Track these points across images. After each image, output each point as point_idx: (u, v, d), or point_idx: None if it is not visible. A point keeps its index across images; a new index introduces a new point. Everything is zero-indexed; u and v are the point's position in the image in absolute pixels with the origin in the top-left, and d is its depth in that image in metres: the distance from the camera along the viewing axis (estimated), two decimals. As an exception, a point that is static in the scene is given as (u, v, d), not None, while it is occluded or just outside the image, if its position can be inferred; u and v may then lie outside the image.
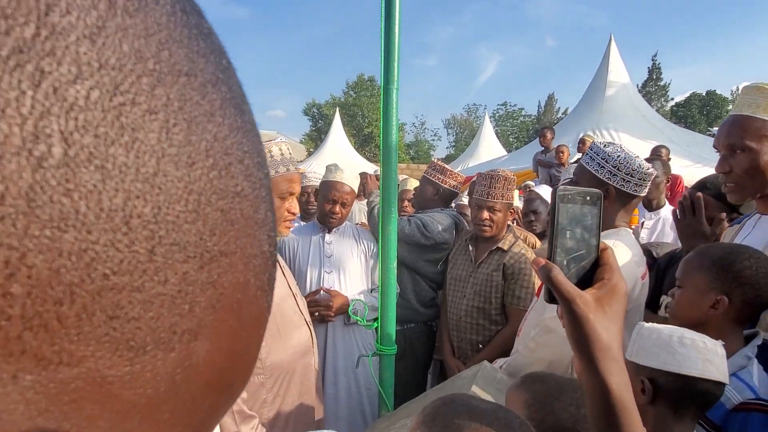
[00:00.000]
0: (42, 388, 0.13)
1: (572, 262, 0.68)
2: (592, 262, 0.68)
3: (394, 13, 1.81)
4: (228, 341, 0.18)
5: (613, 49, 11.30)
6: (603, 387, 0.65)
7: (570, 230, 0.67)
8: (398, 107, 1.90)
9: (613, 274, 0.66)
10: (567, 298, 0.65)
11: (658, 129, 10.01)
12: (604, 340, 0.64)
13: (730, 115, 1.53)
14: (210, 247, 0.16)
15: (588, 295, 0.65)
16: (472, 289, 2.64)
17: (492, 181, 2.61)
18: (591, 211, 0.67)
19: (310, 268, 2.62)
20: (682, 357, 1.12)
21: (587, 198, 0.67)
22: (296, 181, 1.87)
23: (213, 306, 0.17)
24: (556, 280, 0.65)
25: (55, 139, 0.13)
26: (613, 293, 0.66)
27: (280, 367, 1.83)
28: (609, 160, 1.70)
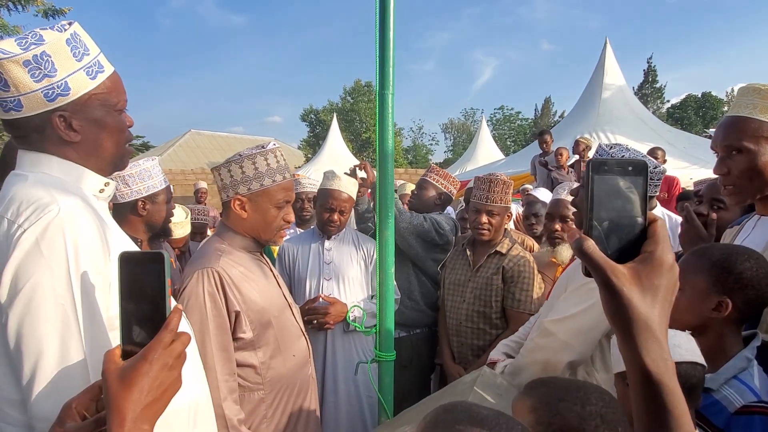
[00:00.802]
0: None
1: (613, 234, 0.64)
2: (637, 235, 0.64)
3: (388, 19, 1.81)
4: None
5: (608, 52, 11.35)
6: (639, 363, 0.62)
7: (608, 202, 0.64)
8: (394, 112, 1.89)
9: (657, 246, 0.63)
10: (599, 269, 0.62)
11: (655, 131, 10.05)
12: (640, 313, 0.61)
13: (726, 117, 1.52)
14: None
15: (623, 268, 0.62)
16: (471, 293, 2.63)
17: (491, 186, 2.61)
18: (634, 182, 0.64)
19: (310, 276, 2.61)
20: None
21: (629, 168, 0.64)
22: (291, 189, 1.87)
23: None
24: (589, 251, 0.62)
25: None
26: (654, 266, 0.62)
27: (279, 382, 1.80)
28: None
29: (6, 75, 1.06)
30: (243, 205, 1.78)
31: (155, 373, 0.78)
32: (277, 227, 1.84)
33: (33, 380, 0.97)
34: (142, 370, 0.77)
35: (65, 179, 1.14)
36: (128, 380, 0.77)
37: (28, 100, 1.08)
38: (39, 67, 1.07)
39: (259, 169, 1.76)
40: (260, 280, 1.81)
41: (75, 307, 1.01)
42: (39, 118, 1.11)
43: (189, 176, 17.91)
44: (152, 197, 2.29)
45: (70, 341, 1.00)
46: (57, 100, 1.11)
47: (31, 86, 1.08)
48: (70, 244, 1.01)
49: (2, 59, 1.05)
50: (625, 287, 0.61)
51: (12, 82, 1.06)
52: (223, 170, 1.79)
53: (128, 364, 0.78)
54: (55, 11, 11.55)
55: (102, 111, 1.18)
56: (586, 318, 1.56)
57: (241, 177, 1.76)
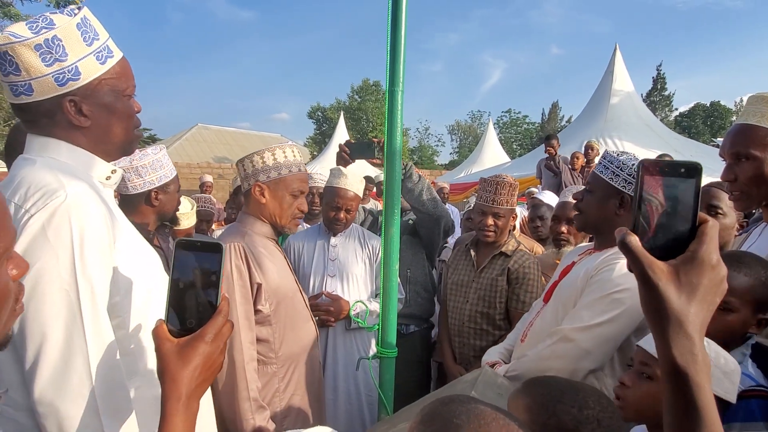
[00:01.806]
0: None
1: (661, 232, 0.66)
2: (686, 235, 0.66)
3: (400, 16, 1.81)
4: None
5: (617, 59, 11.31)
6: (668, 355, 0.63)
7: (656, 201, 0.66)
8: (403, 110, 1.90)
9: (701, 246, 0.64)
10: (638, 263, 0.64)
11: (662, 138, 10.01)
12: (674, 308, 0.63)
13: (735, 124, 1.54)
14: None
15: (662, 264, 0.64)
16: (475, 294, 2.63)
17: (498, 188, 2.60)
18: (685, 183, 0.66)
19: (314, 272, 2.62)
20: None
21: (681, 170, 0.66)
22: (305, 181, 2.03)
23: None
24: (631, 245, 0.64)
25: None
26: (695, 265, 0.63)
27: (290, 358, 1.93)
28: (624, 168, 1.70)
29: (17, 59, 1.06)
30: (262, 192, 1.95)
31: (209, 353, 0.83)
32: (292, 214, 2.00)
33: (36, 364, 0.98)
34: (199, 349, 0.82)
35: (73, 165, 1.14)
36: (186, 357, 0.82)
37: (39, 84, 1.09)
38: (50, 51, 1.08)
39: (278, 160, 1.95)
40: (276, 261, 1.97)
41: (78, 293, 1.02)
42: (49, 102, 1.11)
43: (195, 170, 17.97)
44: (164, 187, 2.30)
45: (74, 327, 1.01)
46: (68, 85, 1.11)
47: (42, 70, 1.08)
48: (76, 231, 1.02)
49: (14, 43, 1.05)
50: (662, 282, 0.63)
51: (23, 66, 1.06)
52: (246, 161, 1.98)
53: (185, 342, 0.83)
54: (67, 1, 11.62)
55: (111, 96, 1.19)
56: (613, 328, 1.57)
57: (262, 166, 1.95)
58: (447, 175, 16.58)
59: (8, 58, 1.06)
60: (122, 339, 1.10)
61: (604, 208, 1.75)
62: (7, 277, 0.69)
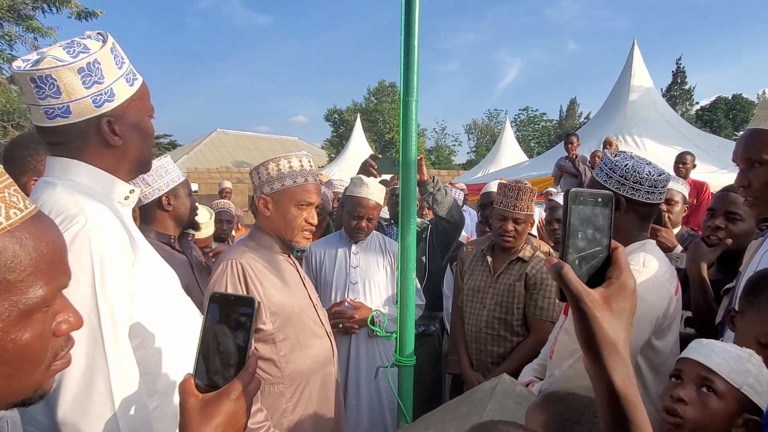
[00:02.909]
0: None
1: (584, 261, 0.70)
2: (603, 261, 0.70)
3: (413, 25, 1.82)
4: None
5: (636, 54, 11.12)
6: (608, 382, 0.66)
7: (582, 231, 0.70)
8: (417, 119, 1.90)
9: (622, 272, 0.68)
10: (575, 295, 0.66)
11: (683, 134, 9.82)
12: (610, 337, 0.66)
13: (747, 129, 1.53)
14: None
15: (595, 293, 0.67)
16: (492, 299, 2.62)
17: (519, 193, 2.59)
18: (602, 212, 0.70)
19: (336, 280, 2.64)
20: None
21: (599, 199, 0.70)
22: (314, 192, 1.93)
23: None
24: (567, 277, 0.67)
25: None
26: (621, 291, 0.68)
27: (299, 377, 1.86)
28: (616, 170, 1.66)
29: (60, 82, 1.09)
30: (267, 204, 1.90)
31: (233, 411, 0.81)
32: (298, 227, 1.91)
33: (59, 387, 1.00)
34: (224, 407, 0.80)
35: (92, 186, 1.17)
36: (209, 414, 0.80)
37: (78, 106, 1.12)
38: (90, 74, 1.12)
39: (282, 171, 1.88)
40: (283, 277, 1.90)
41: (99, 317, 1.04)
42: (85, 123, 1.14)
43: (214, 174, 18.20)
44: (174, 191, 2.36)
45: (95, 350, 1.03)
46: (104, 106, 1.15)
47: (81, 93, 1.12)
48: (96, 256, 1.05)
49: (59, 66, 1.08)
50: (598, 312, 0.66)
51: (64, 88, 1.10)
52: (254, 173, 1.94)
53: (210, 398, 0.81)
54: (88, 13, 11.88)
55: (138, 116, 1.24)
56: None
57: (266, 178, 1.89)
58: (464, 175, 16.51)
59: (50, 81, 1.09)
60: (142, 359, 1.13)
61: None
62: (44, 328, 0.66)
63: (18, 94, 12.65)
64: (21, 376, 0.65)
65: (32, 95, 1.10)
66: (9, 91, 12.26)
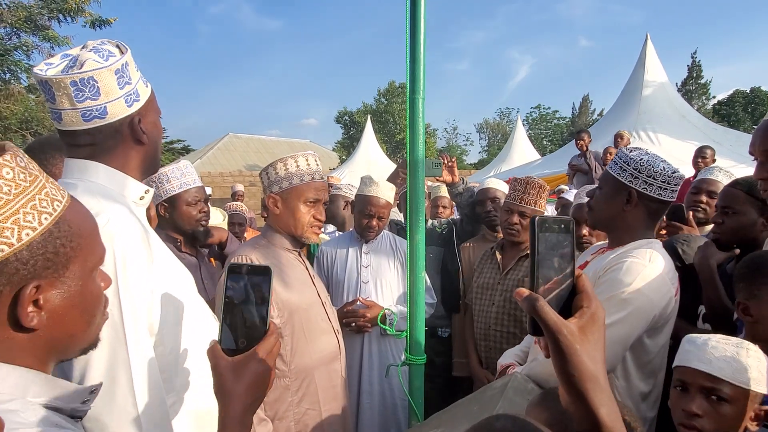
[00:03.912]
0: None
1: (553, 290, 0.67)
2: (569, 290, 0.68)
3: (419, 25, 1.82)
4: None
5: (649, 49, 11.00)
6: (594, 418, 0.64)
7: (549, 259, 0.67)
8: (425, 117, 1.90)
9: (592, 301, 0.66)
10: (553, 329, 0.64)
11: (699, 129, 9.68)
12: (591, 370, 0.63)
13: (764, 121, 1.51)
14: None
15: (572, 325, 0.64)
16: (501, 296, 2.61)
17: (527, 187, 2.60)
18: (566, 239, 0.67)
19: (348, 279, 2.66)
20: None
21: (561, 226, 0.68)
22: (321, 189, 1.98)
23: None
24: (543, 311, 0.64)
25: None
26: (594, 321, 0.65)
27: (304, 371, 1.90)
28: (630, 163, 1.65)
29: (101, 83, 1.12)
30: (276, 203, 1.95)
31: (261, 371, 0.88)
32: (308, 224, 1.96)
33: (82, 382, 1.03)
34: (251, 367, 0.87)
35: (110, 187, 1.19)
36: (240, 374, 0.87)
37: (113, 106, 1.16)
38: (123, 75, 1.16)
39: (290, 170, 1.93)
40: (292, 274, 1.94)
41: (122, 313, 1.06)
42: (119, 123, 1.18)
43: (227, 178, 18.38)
44: (171, 200, 2.37)
45: (118, 345, 1.05)
46: (133, 106, 1.20)
47: (117, 93, 1.15)
48: (119, 253, 1.07)
49: (101, 69, 1.12)
50: (577, 344, 0.63)
51: (104, 89, 1.13)
52: (263, 174, 1.99)
53: (238, 360, 0.88)
54: (102, 21, 12.05)
55: (155, 116, 1.29)
56: (622, 329, 1.52)
57: (275, 177, 1.95)
58: (476, 174, 16.45)
59: (92, 83, 1.12)
60: (159, 356, 1.15)
61: (612, 204, 1.70)
62: (99, 284, 0.82)
63: (36, 102, 12.91)
64: (93, 323, 0.81)
65: (70, 99, 1.11)
66: (27, 99, 12.51)
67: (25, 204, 0.69)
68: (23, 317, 0.69)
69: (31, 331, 0.71)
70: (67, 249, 0.73)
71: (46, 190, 0.73)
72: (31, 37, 11.96)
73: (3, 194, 0.67)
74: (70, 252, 0.74)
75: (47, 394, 0.73)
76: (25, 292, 0.69)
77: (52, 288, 0.72)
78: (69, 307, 0.75)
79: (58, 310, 0.73)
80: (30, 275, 0.69)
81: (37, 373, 0.73)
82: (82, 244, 0.76)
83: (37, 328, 0.71)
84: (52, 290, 0.72)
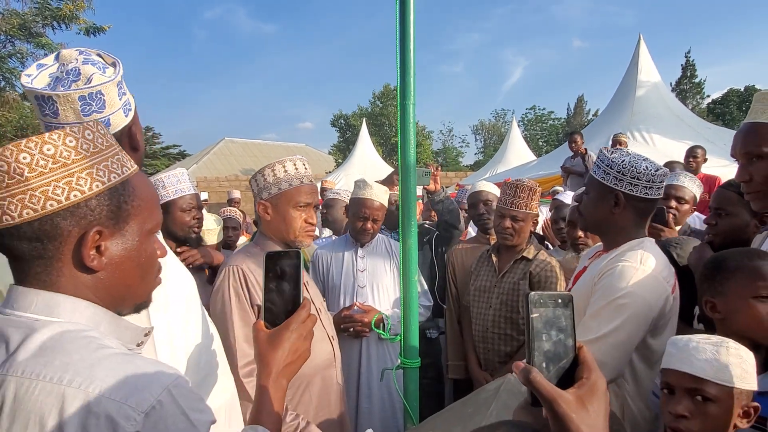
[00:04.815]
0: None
1: (551, 363, 0.69)
2: (571, 362, 0.70)
3: (408, 30, 1.84)
4: None
5: (642, 49, 11.05)
6: None
7: (546, 333, 0.70)
8: (415, 122, 1.92)
9: (592, 372, 0.68)
10: (548, 398, 0.65)
11: (693, 128, 9.72)
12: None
13: (744, 124, 1.51)
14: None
15: (569, 395, 0.66)
16: (498, 299, 2.63)
17: (517, 191, 2.62)
18: (564, 313, 0.70)
19: (344, 283, 2.66)
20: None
21: (559, 301, 0.70)
22: (311, 193, 1.97)
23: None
24: (536, 381, 0.66)
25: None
26: (594, 391, 0.67)
27: (298, 379, 1.87)
28: (613, 166, 1.66)
29: (106, 96, 1.15)
30: (267, 209, 1.93)
31: (294, 340, 1.02)
32: (300, 228, 1.94)
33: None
34: (284, 336, 1.01)
35: None
36: (274, 343, 1.01)
37: (115, 118, 1.18)
38: (121, 87, 1.20)
39: (278, 176, 1.92)
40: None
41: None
42: (119, 133, 1.21)
43: (223, 183, 18.36)
44: (166, 206, 2.37)
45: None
46: (128, 115, 1.23)
47: (117, 105, 1.18)
48: None
49: (107, 82, 1.14)
50: (575, 415, 0.65)
51: (109, 102, 1.16)
52: (252, 181, 1.98)
53: (274, 332, 1.02)
54: (96, 29, 12.05)
55: (138, 122, 1.32)
56: (622, 334, 1.53)
57: (264, 184, 1.93)
58: (472, 176, 16.49)
59: (99, 96, 1.14)
60: (168, 359, 1.16)
61: (600, 208, 1.71)
62: (154, 247, 0.92)
63: (31, 110, 12.88)
64: (147, 280, 0.91)
65: (76, 113, 1.13)
66: (22, 107, 12.47)
67: (100, 162, 0.81)
68: (86, 256, 0.79)
69: (93, 272, 0.81)
70: (128, 206, 0.84)
71: (119, 157, 0.85)
72: (26, 44, 11.95)
73: (83, 150, 0.80)
74: (131, 210, 0.84)
75: (113, 332, 0.83)
76: (90, 234, 0.79)
77: (112, 237, 0.83)
78: (125, 258, 0.85)
79: (116, 259, 0.84)
80: (95, 221, 0.80)
81: (106, 310, 0.84)
82: (142, 206, 0.87)
83: (97, 270, 0.81)
84: (112, 239, 0.83)
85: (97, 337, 0.77)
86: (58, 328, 0.75)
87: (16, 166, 0.74)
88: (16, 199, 0.74)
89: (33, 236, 0.76)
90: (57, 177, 0.76)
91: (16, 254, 0.78)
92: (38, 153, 0.75)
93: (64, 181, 0.77)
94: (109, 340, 0.79)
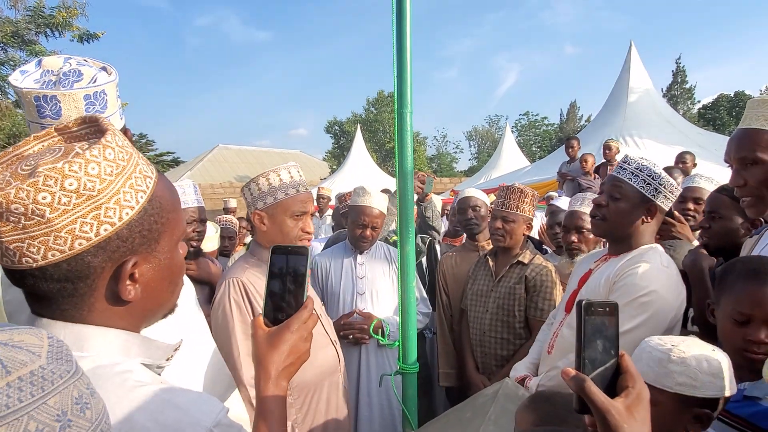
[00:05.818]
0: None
1: (596, 369, 0.71)
2: (613, 369, 0.71)
3: (404, 39, 1.86)
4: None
5: (633, 55, 11.19)
6: None
7: (594, 341, 0.71)
8: (412, 130, 1.94)
9: (636, 381, 0.69)
10: (602, 409, 0.67)
11: (684, 134, 9.83)
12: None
13: (738, 130, 1.54)
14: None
15: (620, 405, 0.67)
16: (494, 303, 2.65)
17: (507, 193, 2.68)
18: (610, 321, 0.72)
19: (343, 290, 2.67)
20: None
21: (607, 309, 0.72)
22: (307, 201, 1.95)
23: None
24: (590, 391, 0.68)
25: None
26: (640, 400, 0.68)
27: (307, 386, 1.88)
28: (655, 178, 1.71)
29: (108, 96, 1.16)
30: (262, 219, 1.91)
31: (294, 341, 0.96)
32: (295, 237, 1.92)
33: None
34: (285, 336, 0.95)
35: None
36: (274, 343, 0.95)
37: (113, 119, 1.20)
38: (118, 89, 1.21)
39: (273, 185, 1.89)
40: None
41: None
42: None
43: (218, 190, 18.31)
44: None
45: None
46: (122, 118, 1.24)
47: (116, 107, 1.20)
48: None
49: (110, 82, 1.16)
50: (625, 423, 0.66)
51: (110, 103, 1.17)
52: (245, 190, 1.94)
53: (274, 331, 0.96)
54: (90, 36, 12.01)
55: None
56: (642, 332, 1.55)
57: (258, 193, 1.91)
58: (467, 181, 16.54)
59: (103, 96, 1.15)
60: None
61: (632, 217, 1.74)
62: (182, 255, 0.87)
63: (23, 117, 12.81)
64: (176, 291, 0.87)
65: (79, 113, 1.13)
66: (15, 114, 12.40)
67: (125, 183, 0.72)
68: (123, 291, 0.74)
69: (128, 303, 0.76)
70: (158, 225, 0.77)
71: (140, 167, 0.76)
72: (18, 52, 11.89)
73: (106, 176, 0.70)
74: (161, 227, 0.78)
75: (144, 353, 0.79)
76: (125, 268, 0.73)
77: (145, 262, 0.77)
78: (159, 279, 0.80)
79: (151, 283, 0.79)
80: (128, 251, 0.74)
81: (136, 335, 0.79)
82: (170, 218, 0.80)
83: (134, 301, 0.76)
84: (146, 264, 0.77)
85: (131, 370, 0.73)
86: (90, 363, 0.69)
87: (35, 207, 0.66)
88: (37, 241, 0.67)
89: (61, 277, 0.70)
90: (84, 212, 0.68)
91: (41, 294, 0.71)
92: (60, 190, 0.66)
93: (92, 216, 0.69)
94: (143, 370, 0.75)
